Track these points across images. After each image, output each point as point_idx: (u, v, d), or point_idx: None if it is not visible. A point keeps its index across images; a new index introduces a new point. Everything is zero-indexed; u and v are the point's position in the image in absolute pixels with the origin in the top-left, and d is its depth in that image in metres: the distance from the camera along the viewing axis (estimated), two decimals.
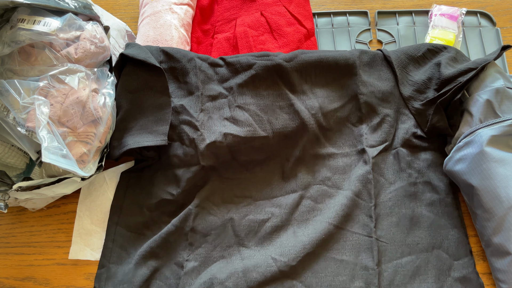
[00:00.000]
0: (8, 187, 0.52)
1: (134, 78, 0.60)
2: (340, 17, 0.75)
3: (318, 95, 0.62)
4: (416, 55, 0.62)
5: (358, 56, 0.62)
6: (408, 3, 0.77)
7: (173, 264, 0.56)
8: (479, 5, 0.75)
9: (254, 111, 0.60)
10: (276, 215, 0.58)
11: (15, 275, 0.60)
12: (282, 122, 0.60)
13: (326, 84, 0.62)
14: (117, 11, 0.77)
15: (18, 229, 0.62)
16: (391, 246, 0.55)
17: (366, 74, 0.62)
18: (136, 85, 0.60)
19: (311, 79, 0.62)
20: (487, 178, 0.52)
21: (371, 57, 0.63)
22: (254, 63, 0.61)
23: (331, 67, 0.62)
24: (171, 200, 0.59)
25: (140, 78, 0.60)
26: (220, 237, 0.57)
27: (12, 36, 0.53)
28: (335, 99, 0.62)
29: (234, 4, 0.73)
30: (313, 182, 0.60)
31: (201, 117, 0.60)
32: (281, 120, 0.60)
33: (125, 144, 0.57)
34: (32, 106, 0.50)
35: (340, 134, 0.62)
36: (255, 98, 0.61)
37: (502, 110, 0.54)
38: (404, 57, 0.62)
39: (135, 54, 0.58)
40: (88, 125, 0.56)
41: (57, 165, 0.48)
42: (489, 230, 0.52)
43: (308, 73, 0.62)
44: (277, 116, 0.60)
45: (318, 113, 0.60)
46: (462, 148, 0.55)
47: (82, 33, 0.55)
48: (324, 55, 0.62)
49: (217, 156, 0.59)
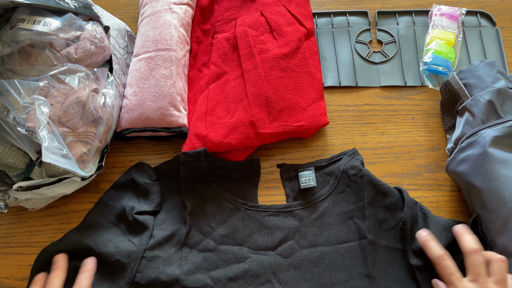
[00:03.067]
0: (8, 187, 0.52)
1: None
2: (340, 17, 0.75)
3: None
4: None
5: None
6: (408, 3, 0.77)
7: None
8: (479, 5, 0.75)
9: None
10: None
11: (15, 275, 0.60)
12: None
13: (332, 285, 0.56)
14: (117, 11, 0.77)
15: (18, 229, 0.62)
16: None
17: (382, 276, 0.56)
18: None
19: (312, 277, 0.56)
20: (490, 179, 0.52)
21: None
22: (249, 256, 0.57)
23: (338, 265, 0.57)
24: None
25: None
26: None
27: (12, 36, 0.53)
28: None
29: (234, 4, 0.73)
30: None
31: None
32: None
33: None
34: (32, 106, 0.50)
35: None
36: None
37: (504, 110, 0.54)
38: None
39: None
40: (88, 125, 0.55)
41: (57, 165, 0.48)
42: (493, 231, 0.52)
43: (309, 271, 0.57)
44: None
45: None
46: (464, 149, 0.55)
47: (82, 33, 0.55)
48: (328, 251, 0.57)
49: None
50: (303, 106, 0.64)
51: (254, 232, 0.59)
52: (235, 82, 0.66)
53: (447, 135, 0.65)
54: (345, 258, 0.57)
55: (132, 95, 0.63)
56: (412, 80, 0.70)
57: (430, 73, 0.69)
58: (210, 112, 0.64)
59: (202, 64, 0.70)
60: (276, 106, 0.63)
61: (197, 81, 0.68)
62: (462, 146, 0.56)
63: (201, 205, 0.61)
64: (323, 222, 0.59)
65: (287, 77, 0.65)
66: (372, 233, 0.57)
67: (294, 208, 0.60)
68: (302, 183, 0.61)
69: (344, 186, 0.61)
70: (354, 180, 0.61)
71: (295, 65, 0.66)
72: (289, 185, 0.63)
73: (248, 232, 0.59)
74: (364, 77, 0.70)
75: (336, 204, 0.60)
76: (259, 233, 0.59)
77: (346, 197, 0.60)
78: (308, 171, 0.61)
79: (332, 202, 0.60)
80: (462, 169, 0.55)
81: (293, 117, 0.63)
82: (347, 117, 0.68)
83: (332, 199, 0.61)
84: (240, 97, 0.64)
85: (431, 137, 0.66)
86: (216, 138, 0.61)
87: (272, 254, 0.57)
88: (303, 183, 0.61)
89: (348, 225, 0.59)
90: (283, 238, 0.58)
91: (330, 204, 0.60)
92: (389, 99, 0.69)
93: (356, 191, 0.60)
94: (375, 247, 0.57)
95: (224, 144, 0.61)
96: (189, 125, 0.64)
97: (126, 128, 0.63)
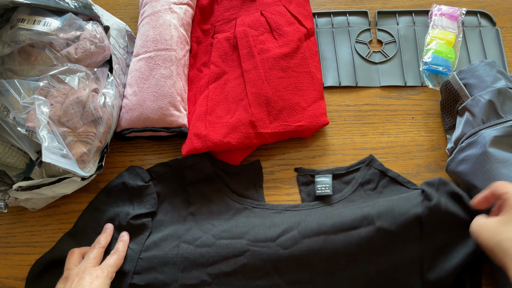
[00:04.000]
0: (8, 187, 0.52)
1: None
2: (340, 17, 0.75)
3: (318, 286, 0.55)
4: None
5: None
6: (408, 3, 0.77)
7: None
8: (479, 5, 0.75)
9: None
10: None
11: (15, 275, 0.60)
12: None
13: (331, 273, 0.54)
14: (117, 11, 0.77)
15: (18, 229, 0.62)
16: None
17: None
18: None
19: (313, 268, 0.54)
20: (490, 179, 0.51)
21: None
22: (248, 249, 0.55)
23: (340, 254, 0.54)
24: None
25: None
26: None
27: (12, 36, 0.53)
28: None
29: (234, 4, 0.73)
30: None
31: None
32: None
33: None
34: (32, 106, 0.50)
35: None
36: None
37: (505, 110, 0.54)
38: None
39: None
40: (88, 125, 0.55)
41: (57, 165, 0.48)
42: None
43: (310, 261, 0.54)
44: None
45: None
46: (465, 149, 0.55)
47: (82, 33, 0.55)
48: (332, 240, 0.53)
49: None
50: (303, 106, 0.64)
51: (256, 227, 0.57)
52: (235, 82, 0.66)
53: (447, 135, 0.65)
54: (350, 246, 0.53)
55: (132, 95, 0.63)
56: (412, 80, 0.70)
57: (430, 73, 0.69)
58: (210, 112, 0.64)
59: (202, 64, 0.70)
60: (276, 106, 0.63)
61: (197, 81, 0.68)
62: (462, 146, 0.56)
63: (207, 206, 0.61)
64: (329, 210, 0.58)
65: (287, 77, 0.65)
66: (381, 219, 0.53)
67: (301, 208, 0.60)
68: (318, 189, 0.60)
69: (357, 197, 0.61)
70: (369, 194, 0.61)
71: (295, 65, 0.66)
72: (305, 190, 0.63)
73: (250, 227, 0.57)
74: (364, 77, 0.70)
75: (345, 206, 0.60)
76: (261, 227, 0.57)
77: (356, 203, 0.60)
78: (325, 178, 0.60)
79: (342, 206, 0.60)
80: (462, 169, 0.55)
81: (293, 117, 0.63)
82: (347, 117, 0.68)
83: (343, 203, 0.60)
84: (240, 97, 0.64)
85: (431, 137, 0.66)
86: (216, 137, 0.61)
87: (272, 246, 0.55)
88: (319, 189, 0.60)
89: (355, 212, 0.55)
90: (285, 230, 0.56)
91: (340, 206, 0.60)
92: (389, 99, 0.69)
93: (368, 200, 0.60)
94: (382, 234, 0.53)
95: (224, 143, 0.61)
96: (189, 125, 0.64)
97: (126, 128, 0.63)
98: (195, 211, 0.60)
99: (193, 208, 0.60)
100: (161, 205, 0.61)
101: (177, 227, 0.59)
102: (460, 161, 0.55)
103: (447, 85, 0.61)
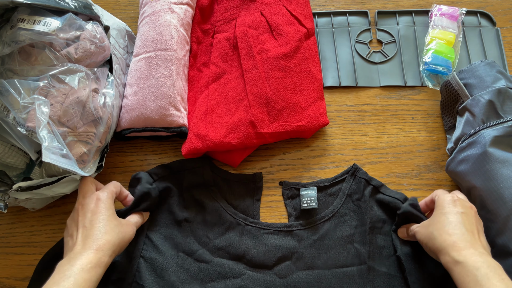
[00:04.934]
0: (8, 187, 0.52)
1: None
2: (340, 17, 0.75)
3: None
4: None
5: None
6: (408, 3, 0.77)
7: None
8: (479, 5, 0.75)
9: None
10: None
11: (15, 275, 0.60)
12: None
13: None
14: (117, 11, 0.77)
15: (18, 229, 0.62)
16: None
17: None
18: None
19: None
20: (490, 179, 0.52)
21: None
22: (245, 272, 0.56)
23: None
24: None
25: None
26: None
27: (12, 36, 0.53)
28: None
29: (234, 4, 0.73)
30: None
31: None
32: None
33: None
34: (32, 106, 0.50)
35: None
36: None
37: (505, 110, 0.54)
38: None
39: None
40: (88, 125, 0.55)
41: (57, 165, 0.48)
42: (493, 231, 0.52)
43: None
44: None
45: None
46: (465, 149, 0.55)
47: (82, 33, 0.55)
48: (326, 275, 0.56)
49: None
50: (303, 106, 0.64)
51: (251, 249, 0.58)
52: (235, 82, 0.66)
53: (447, 135, 0.65)
54: (343, 283, 0.55)
55: (132, 95, 0.63)
56: (412, 80, 0.70)
57: (430, 73, 0.69)
58: (210, 112, 0.64)
59: (202, 64, 0.70)
60: (276, 106, 0.63)
61: (197, 81, 0.68)
62: (462, 146, 0.56)
63: (201, 214, 0.60)
64: (322, 244, 0.58)
65: (287, 77, 0.65)
66: (372, 259, 0.56)
67: (294, 228, 0.60)
68: (303, 203, 0.59)
69: (347, 210, 0.60)
70: (358, 205, 0.60)
71: (295, 65, 0.66)
72: (290, 204, 0.62)
73: (245, 248, 0.58)
74: (364, 77, 0.70)
75: (338, 227, 0.59)
76: (256, 250, 0.58)
77: (348, 221, 0.59)
78: (310, 191, 0.60)
79: (333, 225, 0.59)
80: (462, 169, 0.55)
81: (293, 117, 0.63)
82: (347, 117, 0.68)
83: (334, 221, 0.60)
84: (240, 97, 0.64)
85: (431, 137, 0.66)
86: (216, 137, 0.61)
87: (269, 273, 0.56)
88: (304, 203, 0.59)
89: (348, 249, 0.57)
90: (280, 258, 0.57)
91: (332, 227, 0.59)
92: (389, 99, 0.69)
93: (359, 215, 0.59)
94: (375, 274, 0.55)
95: (224, 143, 0.61)
96: (189, 125, 0.64)
97: (126, 128, 0.63)
98: (190, 218, 0.60)
99: (188, 214, 0.60)
100: (158, 206, 0.61)
101: (173, 231, 0.59)
102: (460, 161, 0.55)
103: (447, 85, 0.61)
